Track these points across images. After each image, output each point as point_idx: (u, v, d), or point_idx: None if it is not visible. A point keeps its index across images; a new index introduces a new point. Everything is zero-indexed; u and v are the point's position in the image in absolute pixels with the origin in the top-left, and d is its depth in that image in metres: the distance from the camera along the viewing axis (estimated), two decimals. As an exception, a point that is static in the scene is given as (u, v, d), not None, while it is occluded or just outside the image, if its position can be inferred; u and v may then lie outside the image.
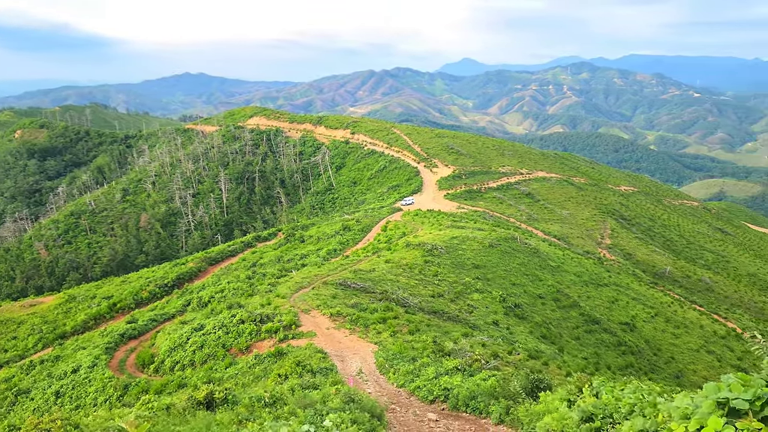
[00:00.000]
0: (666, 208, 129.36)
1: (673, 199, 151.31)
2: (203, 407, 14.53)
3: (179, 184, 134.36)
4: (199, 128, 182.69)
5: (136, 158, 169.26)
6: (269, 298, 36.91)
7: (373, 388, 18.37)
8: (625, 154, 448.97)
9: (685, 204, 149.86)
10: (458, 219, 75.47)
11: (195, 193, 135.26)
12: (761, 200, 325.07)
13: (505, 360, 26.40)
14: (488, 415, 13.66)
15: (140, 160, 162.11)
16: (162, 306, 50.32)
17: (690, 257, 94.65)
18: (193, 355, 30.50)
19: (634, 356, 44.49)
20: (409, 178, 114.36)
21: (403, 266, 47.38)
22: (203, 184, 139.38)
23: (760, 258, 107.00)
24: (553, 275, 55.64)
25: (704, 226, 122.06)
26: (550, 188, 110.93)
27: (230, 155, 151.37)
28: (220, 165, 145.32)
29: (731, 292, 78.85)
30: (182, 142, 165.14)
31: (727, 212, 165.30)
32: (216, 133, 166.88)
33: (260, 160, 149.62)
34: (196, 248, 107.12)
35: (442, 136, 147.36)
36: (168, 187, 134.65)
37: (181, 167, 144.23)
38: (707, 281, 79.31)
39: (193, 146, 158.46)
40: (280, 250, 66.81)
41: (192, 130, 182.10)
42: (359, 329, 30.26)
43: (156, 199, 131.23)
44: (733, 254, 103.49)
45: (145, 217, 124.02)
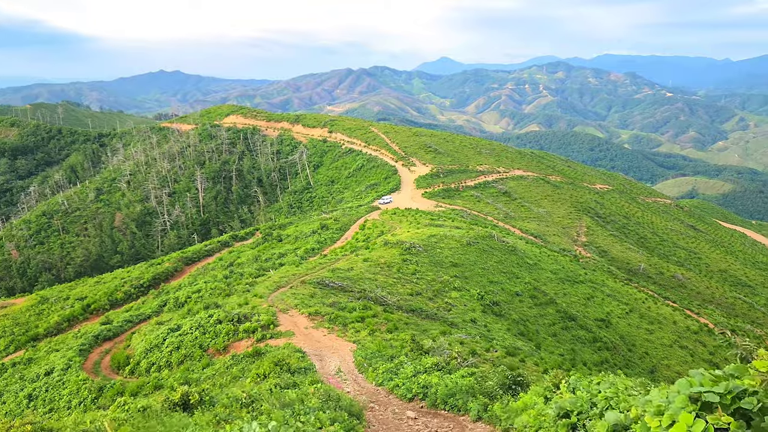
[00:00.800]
0: (640, 205, 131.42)
1: (646, 197, 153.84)
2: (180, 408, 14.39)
3: (155, 183, 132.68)
4: (175, 127, 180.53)
5: (110, 157, 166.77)
6: (247, 298, 36.65)
7: (351, 387, 18.36)
8: (600, 152, 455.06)
9: (659, 202, 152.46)
10: (436, 217, 75.74)
11: (171, 192, 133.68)
12: (732, 198, 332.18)
13: (483, 357, 26.60)
14: (466, 413, 13.74)
15: (114, 159, 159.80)
16: (137, 307, 49.63)
17: (663, 254, 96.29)
18: (169, 356, 30.16)
19: (610, 352, 45.12)
20: (387, 176, 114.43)
21: (381, 265, 47.40)
22: (179, 183, 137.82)
23: (730, 254, 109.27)
24: (530, 273, 56.16)
25: (677, 224, 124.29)
26: (527, 186, 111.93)
27: (207, 154, 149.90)
28: (196, 164, 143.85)
29: (703, 288, 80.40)
30: (157, 141, 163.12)
31: (699, 210, 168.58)
32: (192, 131, 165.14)
33: (237, 158, 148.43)
34: (172, 248, 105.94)
35: (419, 135, 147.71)
36: (143, 187, 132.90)
37: (157, 166, 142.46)
38: (680, 278, 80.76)
39: (169, 145, 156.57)
40: (258, 249, 66.37)
41: (167, 129, 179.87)
42: (338, 328, 30.21)
43: (131, 198, 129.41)
44: (704, 251, 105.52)
45: (119, 217, 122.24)
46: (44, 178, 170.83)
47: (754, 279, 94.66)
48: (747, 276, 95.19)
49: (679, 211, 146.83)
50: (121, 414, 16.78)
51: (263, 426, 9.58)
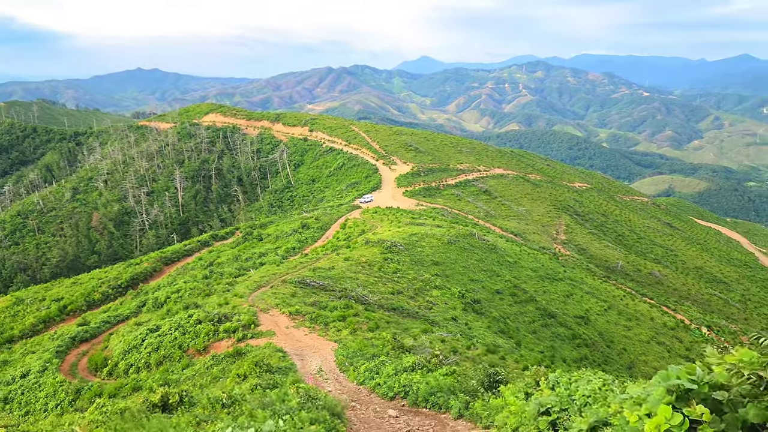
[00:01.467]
0: (618, 204, 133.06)
1: (624, 195, 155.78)
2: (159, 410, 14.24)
3: (132, 182, 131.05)
4: (153, 125, 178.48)
5: (86, 156, 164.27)
6: (227, 298, 36.39)
7: (333, 387, 18.34)
8: (578, 151, 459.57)
9: (636, 200, 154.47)
10: (417, 216, 75.90)
11: (149, 191, 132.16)
12: (707, 196, 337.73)
13: (464, 355, 26.73)
14: (448, 410, 13.80)
15: (91, 157, 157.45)
16: (115, 307, 49.00)
17: (641, 251, 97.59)
18: (148, 357, 29.84)
19: (589, 348, 45.63)
20: (368, 175, 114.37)
21: (362, 264, 47.38)
22: (158, 182, 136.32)
23: (706, 252, 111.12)
24: (511, 271, 56.55)
25: (654, 222, 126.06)
26: (507, 185, 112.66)
27: (186, 153, 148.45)
28: (175, 163, 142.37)
29: (679, 285, 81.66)
30: (135, 140, 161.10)
31: (675, 208, 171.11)
32: (171, 130, 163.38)
33: (217, 157, 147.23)
34: (150, 248, 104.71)
35: (400, 134, 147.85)
36: (121, 186, 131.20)
37: (135, 165, 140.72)
38: (657, 275, 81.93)
39: (147, 144, 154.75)
40: (238, 248, 65.93)
41: (145, 127, 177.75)
42: (319, 327, 30.14)
43: (108, 197, 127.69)
44: (681, 248, 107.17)
45: (96, 217, 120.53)
46: (19, 177, 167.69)
47: (729, 275, 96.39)
48: (722, 273, 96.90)
49: (656, 209, 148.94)
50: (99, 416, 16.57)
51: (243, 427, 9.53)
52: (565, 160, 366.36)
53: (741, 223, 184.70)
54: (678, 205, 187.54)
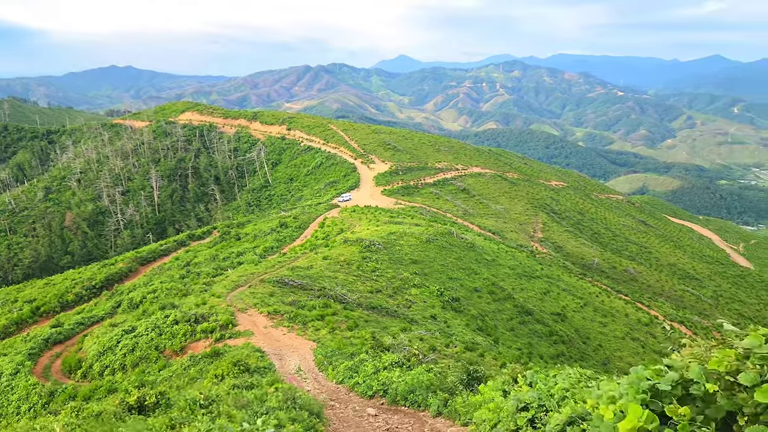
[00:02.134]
0: (594, 202, 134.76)
1: (600, 193, 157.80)
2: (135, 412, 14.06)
3: (107, 181, 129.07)
4: (128, 123, 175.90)
5: (59, 155, 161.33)
6: (204, 298, 36.06)
7: (312, 386, 18.30)
8: (555, 150, 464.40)
9: (611, 198, 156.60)
10: (395, 215, 75.99)
11: (124, 190, 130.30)
12: (680, 194, 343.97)
13: (443, 353, 26.85)
14: (427, 408, 13.85)
15: (64, 156, 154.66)
16: (90, 308, 48.25)
17: (616, 249, 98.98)
18: (123, 358, 29.43)
19: (565, 345, 46.15)
20: (346, 174, 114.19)
21: (341, 262, 47.31)
22: (133, 181, 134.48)
23: (679, 249, 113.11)
24: (489, 269, 56.94)
25: (629, 219, 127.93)
26: (485, 183, 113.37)
27: (161, 151, 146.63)
28: (150, 161, 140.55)
29: (653, 282, 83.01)
30: (110, 138, 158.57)
31: (649, 206, 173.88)
32: (146, 128, 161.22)
33: (193, 156, 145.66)
34: (126, 248, 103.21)
35: (378, 132, 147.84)
36: (95, 185, 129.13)
37: (109, 164, 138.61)
38: (631, 272, 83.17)
39: (122, 142, 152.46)
40: (216, 248, 65.36)
41: (120, 126, 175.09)
42: (297, 327, 30.03)
43: (82, 197, 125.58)
44: (654, 245, 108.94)
45: (70, 217, 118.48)
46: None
47: (701, 272, 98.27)
48: (694, 269, 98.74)
49: (630, 207, 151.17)
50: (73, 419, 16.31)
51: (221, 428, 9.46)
52: (542, 158, 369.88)
53: (713, 221, 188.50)
54: (652, 203, 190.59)
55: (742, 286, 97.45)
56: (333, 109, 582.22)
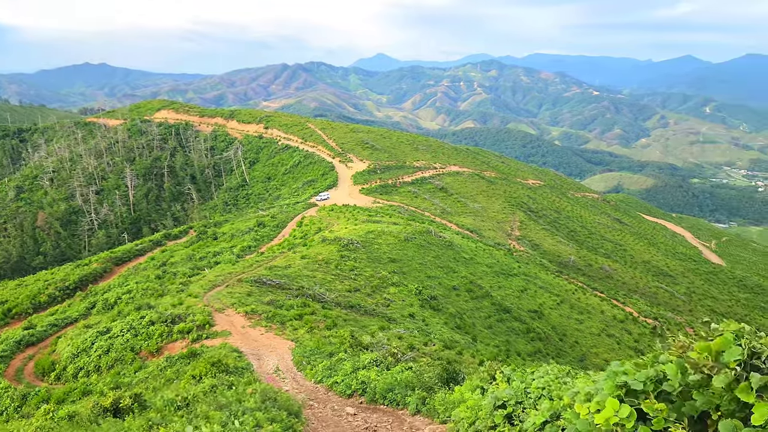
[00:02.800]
0: (570, 200, 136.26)
1: (576, 191, 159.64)
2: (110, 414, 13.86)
3: (80, 180, 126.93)
4: (102, 122, 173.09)
5: (31, 153, 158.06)
6: (181, 298, 35.66)
7: (290, 386, 18.21)
8: (532, 148, 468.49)
9: (587, 196, 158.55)
10: (374, 213, 76.00)
11: (98, 190, 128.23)
12: (654, 192, 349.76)
13: (422, 351, 26.92)
14: (405, 407, 13.88)
15: (36, 155, 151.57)
16: (63, 310, 47.38)
17: (591, 247, 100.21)
18: (98, 360, 28.97)
19: (542, 342, 46.62)
20: (324, 173, 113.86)
21: (319, 261, 47.17)
22: (107, 180, 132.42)
23: (653, 246, 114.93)
24: (467, 267, 57.24)
25: (604, 217, 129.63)
26: (463, 182, 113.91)
27: (137, 150, 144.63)
28: (125, 160, 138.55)
29: (628, 279, 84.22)
30: (83, 137, 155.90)
31: (624, 204, 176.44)
32: (121, 127, 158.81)
33: (169, 155, 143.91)
34: (100, 248, 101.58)
35: (356, 131, 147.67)
36: (68, 184, 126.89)
37: (83, 163, 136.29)
38: (607, 269, 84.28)
39: (96, 141, 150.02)
40: (192, 248, 64.69)
41: (94, 124, 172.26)
42: (276, 326, 29.87)
43: (54, 196, 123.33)
44: (629, 243, 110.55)
45: (42, 216, 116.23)
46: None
47: (675, 269, 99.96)
48: (668, 266, 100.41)
49: (605, 205, 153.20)
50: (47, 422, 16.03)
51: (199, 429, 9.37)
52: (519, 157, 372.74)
53: (685, 218, 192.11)
54: (627, 201, 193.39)
55: (715, 282, 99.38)
56: (311, 108, 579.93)
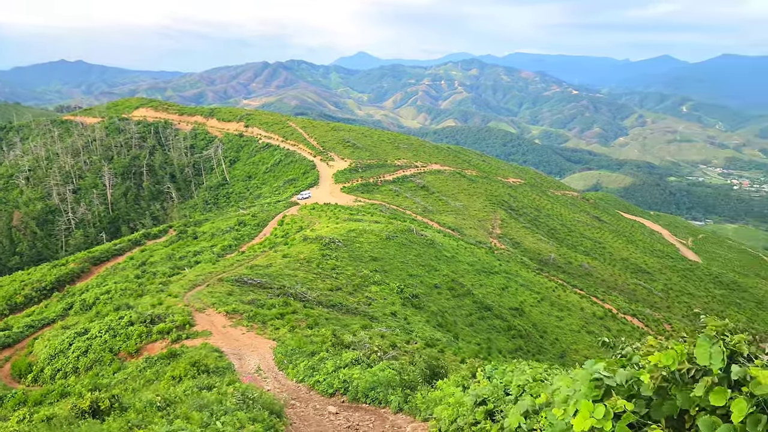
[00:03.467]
0: (550, 198, 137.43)
1: (555, 190, 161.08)
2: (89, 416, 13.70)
3: (57, 179, 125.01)
4: (79, 120, 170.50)
5: (5, 152, 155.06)
6: (161, 298, 35.33)
7: (272, 385, 18.16)
8: (512, 147, 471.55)
9: (567, 194, 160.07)
10: (355, 212, 75.96)
11: (76, 189, 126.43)
12: (632, 190, 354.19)
13: (403, 349, 26.98)
14: (387, 405, 13.92)
15: (11, 153, 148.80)
16: (40, 311, 46.69)
17: (571, 244, 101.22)
18: (76, 361, 28.60)
19: (523, 339, 46.99)
20: (305, 171, 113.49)
21: (300, 260, 47.04)
22: (85, 179, 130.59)
23: (631, 244, 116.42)
24: (448, 265, 57.47)
25: (583, 215, 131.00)
26: (444, 180, 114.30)
27: (115, 148, 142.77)
28: (103, 159, 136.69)
29: (607, 276, 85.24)
30: (59, 135, 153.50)
31: (603, 202, 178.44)
32: (98, 125, 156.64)
33: (148, 153, 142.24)
34: (78, 248, 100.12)
35: (338, 130, 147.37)
36: (44, 183, 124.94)
37: (59, 161, 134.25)
38: (586, 266, 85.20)
39: (72, 139, 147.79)
40: (172, 247, 64.06)
41: (71, 122, 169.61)
42: (257, 326, 29.74)
43: (30, 195, 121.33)
44: (608, 241, 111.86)
45: (18, 216, 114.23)
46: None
47: (653, 266, 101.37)
48: (646, 263, 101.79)
49: (585, 203, 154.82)
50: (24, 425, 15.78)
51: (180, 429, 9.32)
52: (500, 156, 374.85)
53: (663, 216, 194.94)
54: (605, 199, 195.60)
55: (691, 279, 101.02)
56: (292, 106, 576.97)
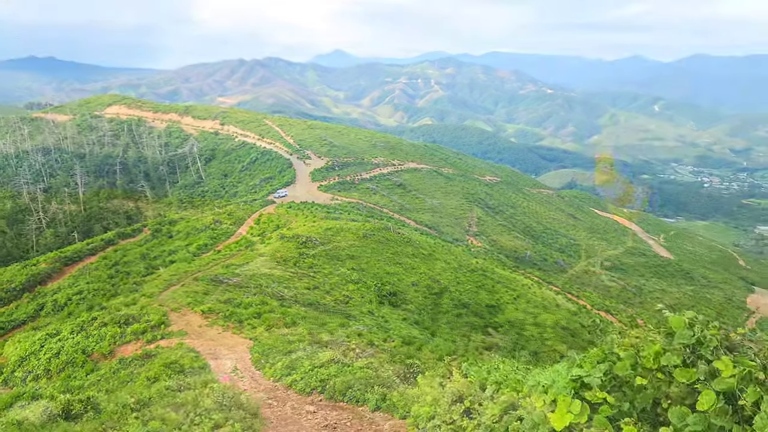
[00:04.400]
0: (525, 196, 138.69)
1: (531, 188, 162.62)
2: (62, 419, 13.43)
3: (27, 177, 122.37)
4: (50, 117, 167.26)
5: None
6: (135, 298, 34.83)
7: (249, 385, 18.01)
8: (488, 145, 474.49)
9: (542, 192, 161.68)
10: (332, 210, 75.77)
11: (46, 187, 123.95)
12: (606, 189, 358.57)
13: (381, 348, 26.98)
14: (365, 403, 13.90)
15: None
16: (10, 312, 45.69)
17: (546, 242, 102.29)
18: (48, 363, 28.05)
19: (500, 336, 47.34)
20: (282, 170, 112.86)
21: (277, 259, 46.77)
22: (56, 177, 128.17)
23: (605, 241, 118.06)
24: (426, 263, 57.65)
25: (558, 213, 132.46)
26: (421, 179, 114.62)
27: (87, 146, 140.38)
28: (75, 157, 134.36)
29: (582, 272, 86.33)
30: (29, 132, 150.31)
31: (577, 200, 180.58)
32: (70, 122, 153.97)
33: (122, 151, 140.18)
34: (49, 248, 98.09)
35: (314, 128, 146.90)
36: (14, 182, 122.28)
37: (29, 159, 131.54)
38: (561, 263, 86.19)
39: (43, 137, 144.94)
40: (146, 246, 63.20)
41: (41, 119, 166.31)
42: (233, 325, 29.49)
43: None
44: (582, 238, 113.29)
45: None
46: None
47: (626, 263, 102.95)
48: (620, 260, 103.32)
49: (560, 201, 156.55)
50: (-7, 430, 15.43)
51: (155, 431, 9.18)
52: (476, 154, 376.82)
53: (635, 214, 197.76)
54: (580, 197, 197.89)
55: (664, 275, 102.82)
56: (268, 104, 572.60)
